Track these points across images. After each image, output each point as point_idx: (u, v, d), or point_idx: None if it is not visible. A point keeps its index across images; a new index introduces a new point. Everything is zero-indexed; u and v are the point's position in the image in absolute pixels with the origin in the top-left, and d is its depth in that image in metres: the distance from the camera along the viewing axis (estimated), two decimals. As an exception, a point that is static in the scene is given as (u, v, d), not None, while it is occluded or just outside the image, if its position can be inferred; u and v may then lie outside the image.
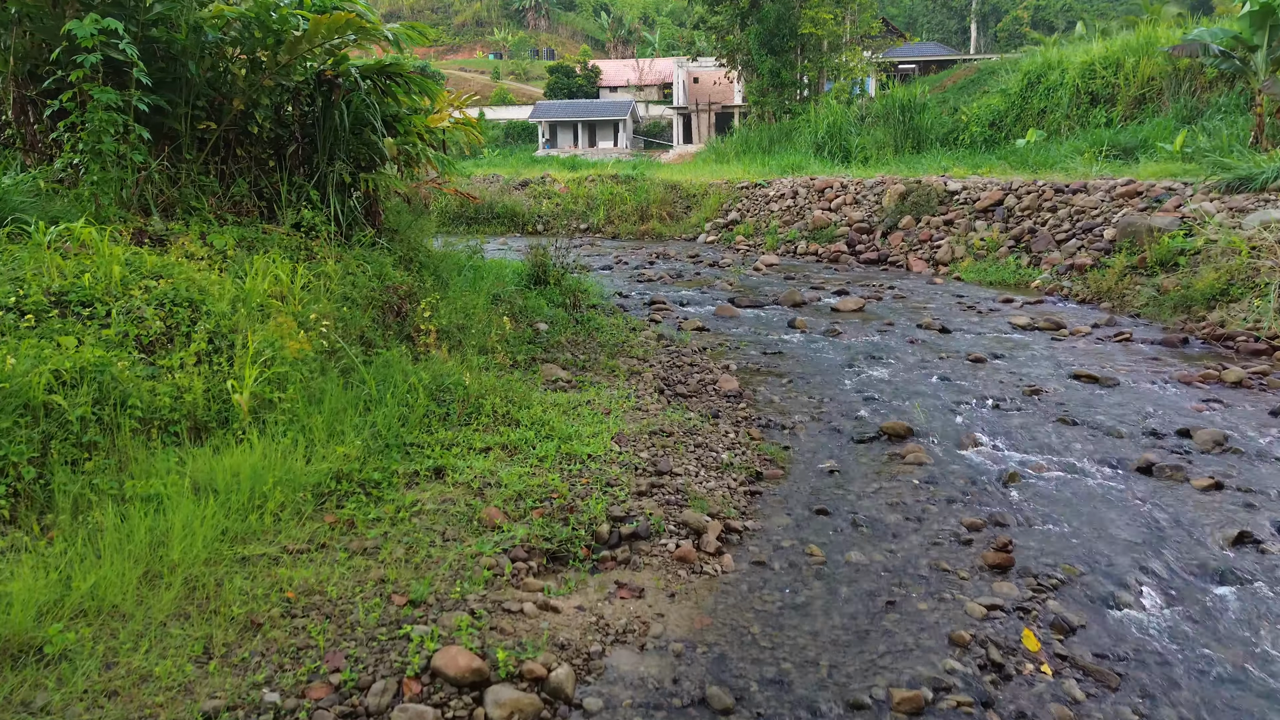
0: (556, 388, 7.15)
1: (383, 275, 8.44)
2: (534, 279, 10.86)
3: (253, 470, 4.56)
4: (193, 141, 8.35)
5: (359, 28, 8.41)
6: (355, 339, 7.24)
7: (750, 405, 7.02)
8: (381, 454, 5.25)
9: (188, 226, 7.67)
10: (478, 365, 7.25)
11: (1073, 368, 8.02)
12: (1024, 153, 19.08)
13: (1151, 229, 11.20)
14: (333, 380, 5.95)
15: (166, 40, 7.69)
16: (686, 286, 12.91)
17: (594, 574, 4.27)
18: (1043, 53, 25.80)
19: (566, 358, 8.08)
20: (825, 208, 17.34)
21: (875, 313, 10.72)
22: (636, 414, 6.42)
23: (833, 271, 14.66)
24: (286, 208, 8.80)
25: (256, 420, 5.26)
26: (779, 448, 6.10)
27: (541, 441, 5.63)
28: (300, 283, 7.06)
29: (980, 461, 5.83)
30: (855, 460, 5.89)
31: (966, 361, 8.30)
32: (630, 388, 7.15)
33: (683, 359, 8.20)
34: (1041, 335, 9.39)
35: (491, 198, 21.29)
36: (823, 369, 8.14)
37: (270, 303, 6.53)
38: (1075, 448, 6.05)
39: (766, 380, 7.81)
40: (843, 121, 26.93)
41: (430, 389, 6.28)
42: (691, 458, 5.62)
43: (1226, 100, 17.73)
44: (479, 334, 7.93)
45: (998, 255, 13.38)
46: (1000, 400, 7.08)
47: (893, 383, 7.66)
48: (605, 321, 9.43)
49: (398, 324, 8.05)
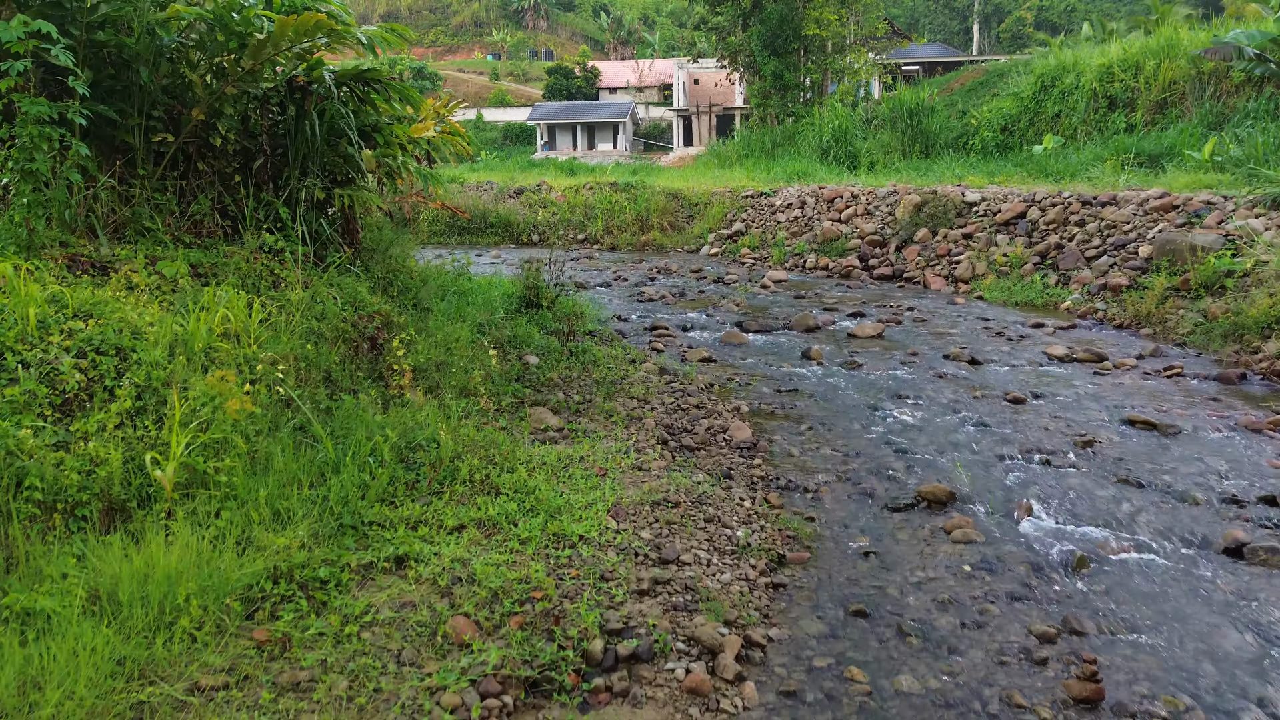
0: (546, 439, 6.31)
1: (358, 302, 7.61)
2: (525, 302, 10.03)
3: (167, 574, 3.71)
4: (148, 155, 7.53)
5: (329, 30, 7.58)
6: (320, 380, 6.40)
7: (766, 460, 6.17)
8: (333, 539, 4.40)
9: (136, 251, 6.83)
10: (457, 412, 6.41)
11: (1124, 410, 7.18)
12: (1042, 160, 18.23)
13: (1193, 247, 10.36)
14: (284, 440, 5.10)
15: (116, 45, 6.88)
16: (690, 307, 12.06)
17: (584, 711, 3.43)
18: (1056, 55, 24.96)
19: (558, 399, 7.24)
20: (835, 219, 16.49)
21: (895, 339, 9.88)
22: (636, 474, 5.57)
23: (845, 289, 13.80)
24: (252, 228, 7.98)
25: (185, 499, 4.43)
26: (803, 519, 5.25)
27: (525, 516, 4.79)
28: (258, 318, 6.22)
29: (1039, 538, 4.99)
30: (892, 536, 5.04)
31: (1004, 402, 7.45)
32: (630, 438, 6.31)
33: (688, 399, 7.36)
34: (1082, 368, 8.54)
35: (485, 207, 20.41)
36: (844, 411, 7.30)
37: (219, 345, 5.69)
38: (1146, 520, 5.21)
39: (782, 426, 6.96)
40: (848, 125, 26.08)
41: (398, 448, 5.44)
42: (701, 535, 4.78)
43: (1256, 106, 16.88)
44: (460, 373, 7.09)
45: (1022, 272, 12.53)
46: (1050, 454, 6.23)
47: (924, 429, 6.81)
48: (602, 353, 8.59)
49: (371, 359, 7.21)
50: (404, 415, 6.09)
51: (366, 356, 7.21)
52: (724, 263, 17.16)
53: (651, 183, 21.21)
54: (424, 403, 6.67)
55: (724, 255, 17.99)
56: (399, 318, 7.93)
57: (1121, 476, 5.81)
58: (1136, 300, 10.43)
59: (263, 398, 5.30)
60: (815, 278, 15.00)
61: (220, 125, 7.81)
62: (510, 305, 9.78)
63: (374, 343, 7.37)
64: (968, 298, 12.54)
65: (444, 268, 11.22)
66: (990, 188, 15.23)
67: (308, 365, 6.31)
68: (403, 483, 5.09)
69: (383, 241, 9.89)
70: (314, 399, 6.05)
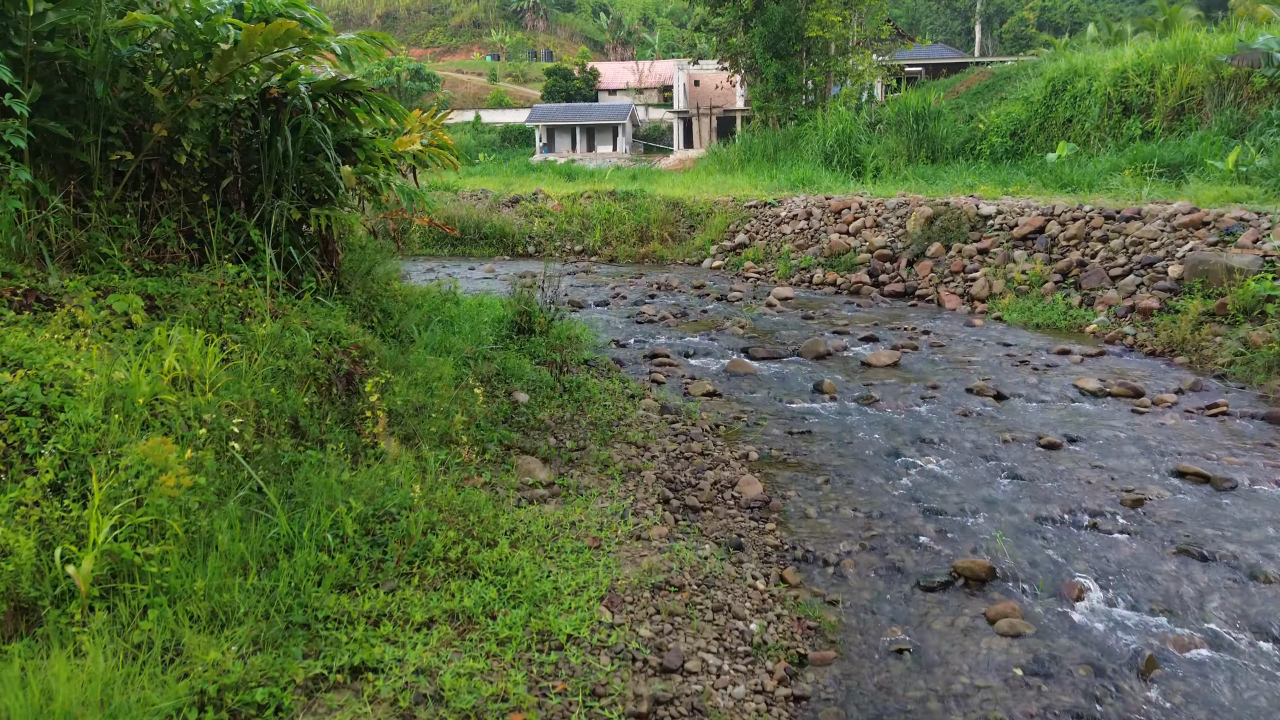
0: (534, 497, 5.66)
1: (334, 334, 6.97)
2: (517, 328, 9.37)
3: (68, 710, 3.07)
4: (106, 175, 6.92)
5: (301, 40, 6.94)
6: (285, 429, 5.76)
7: (780, 523, 5.52)
8: (279, 644, 3.75)
9: (89, 282, 6.19)
10: (435, 466, 5.77)
11: (1171, 458, 6.53)
12: (1057, 169, 17.57)
13: (1229, 269, 9.71)
14: (232, 513, 4.45)
15: (68, 56, 6.27)
16: (692, 330, 11.40)
17: None
18: (1067, 58, 24.31)
19: (549, 445, 6.60)
20: (843, 231, 15.83)
21: (913, 369, 9.23)
22: (635, 546, 4.93)
23: (855, 307, 13.15)
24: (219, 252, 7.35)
25: (110, 593, 3.79)
26: (824, 602, 4.61)
27: (506, 606, 4.15)
28: (216, 360, 5.57)
29: (1097, 630, 4.34)
30: (928, 627, 4.39)
31: (1037, 447, 6.81)
32: (627, 496, 5.66)
33: (692, 443, 6.71)
34: (1118, 405, 7.89)
35: (479, 217, 19.72)
36: (863, 458, 6.65)
37: (167, 396, 5.05)
38: (1216, 603, 4.56)
39: (796, 477, 6.31)
40: (853, 130, 25.42)
41: (364, 518, 4.80)
42: (709, 631, 4.13)
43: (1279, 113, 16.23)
44: (441, 417, 6.44)
45: (1042, 292, 11.88)
46: (1097, 515, 5.58)
47: (953, 482, 6.16)
48: (598, 387, 7.94)
49: (345, 400, 6.58)
50: (374, 474, 5.46)
51: (340, 397, 6.59)
52: (727, 277, 16.49)
53: (651, 191, 20.52)
54: (399, 454, 6.04)
55: (727, 269, 17.33)
56: (379, 349, 7.31)
57: (1180, 545, 5.16)
58: (1169, 325, 9.78)
59: (209, 464, 4.64)
60: (823, 294, 14.34)
61: (185, 141, 7.20)
62: (500, 332, 9.13)
63: (349, 380, 6.74)
64: (985, 318, 11.88)
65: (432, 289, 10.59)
66: (1005, 199, 14.57)
67: (271, 413, 5.67)
68: (366, 563, 4.44)
69: (365, 263, 9.26)
70: (276, 452, 5.42)
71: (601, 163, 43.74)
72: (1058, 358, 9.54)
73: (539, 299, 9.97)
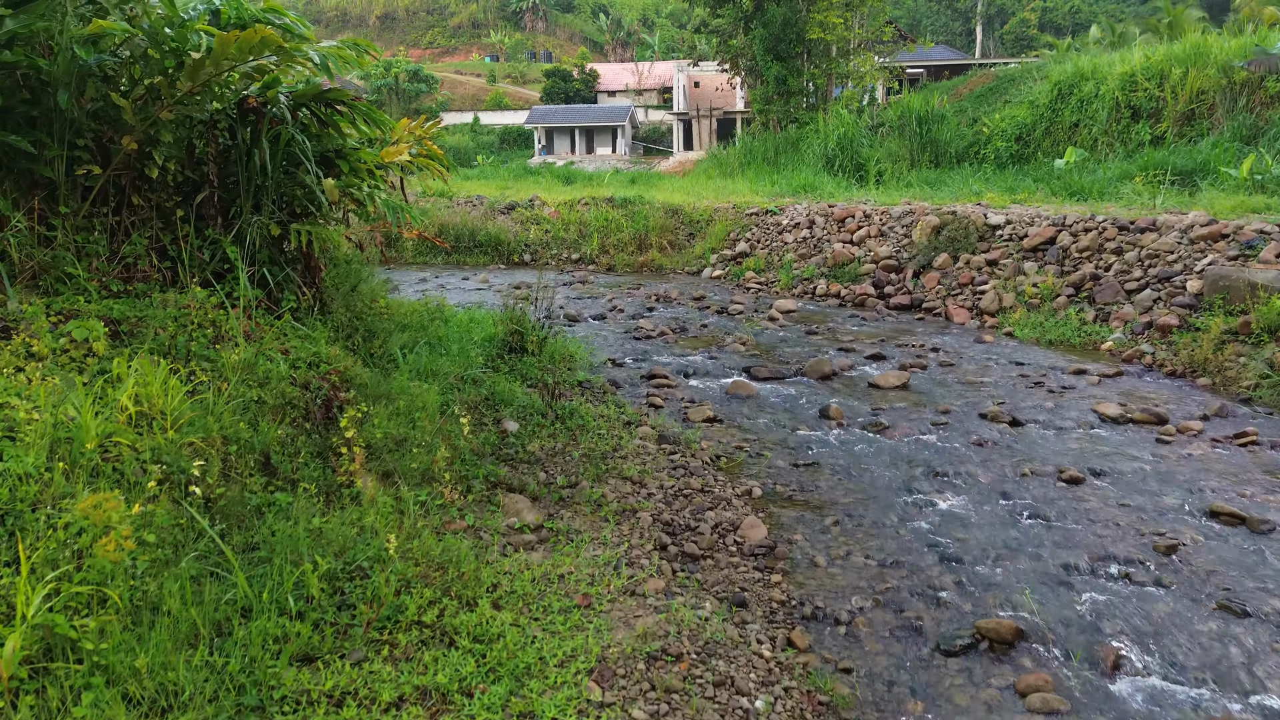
0: (520, 544, 5.25)
1: (313, 359, 6.58)
2: (508, 347, 8.97)
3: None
4: (72, 190, 6.55)
5: (278, 47, 6.54)
6: (255, 467, 5.37)
7: (786, 573, 5.10)
8: (227, 733, 3.35)
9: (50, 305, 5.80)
10: (414, 509, 5.37)
11: (1202, 495, 6.13)
12: (1066, 176, 17.15)
13: (1252, 285, 9.31)
14: (185, 573, 4.05)
15: (30, 66, 5.90)
16: (692, 346, 10.99)
17: None
18: (1073, 60, 23.89)
19: (538, 481, 6.19)
20: (847, 240, 15.41)
21: (923, 391, 8.81)
22: (628, 604, 4.52)
23: (860, 321, 12.73)
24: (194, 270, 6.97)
25: (40, 674, 3.40)
26: (836, 671, 4.20)
27: (484, 681, 3.74)
28: (178, 395, 5.16)
29: (1138, 707, 3.93)
30: (951, 700, 3.98)
31: (1059, 483, 6.40)
32: (621, 542, 5.25)
33: (691, 478, 6.30)
34: (1140, 433, 7.48)
35: (474, 224, 19.28)
36: (874, 495, 6.24)
37: (122, 437, 4.65)
38: (1266, 669, 4.16)
39: (803, 517, 5.90)
40: (854, 133, 25.02)
41: (333, 574, 4.40)
42: (710, 710, 3.72)
43: (1294, 119, 15.83)
44: (423, 452, 6.04)
45: (1055, 306, 11.46)
46: (1128, 564, 5.17)
47: (970, 523, 5.75)
48: (592, 414, 7.53)
49: (323, 431, 6.18)
50: (347, 518, 5.07)
51: (318, 428, 6.19)
52: (727, 288, 16.06)
53: (650, 197, 20.07)
54: (376, 494, 5.64)
55: (727, 279, 16.89)
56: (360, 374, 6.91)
57: (1221, 601, 4.75)
58: (1190, 344, 9.37)
59: (160, 518, 4.23)
60: (826, 307, 13.91)
61: (157, 154, 6.81)
62: (491, 352, 8.73)
63: (328, 408, 6.34)
64: (996, 334, 11.46)
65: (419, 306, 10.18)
66: (1014, 208, 14.16)
67: (240, 449, 5.27)
68: (332, 629, 4.03)
69: (350, 279, 8.86)
70: (244, 494, 5.03)
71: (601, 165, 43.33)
72: (1074, 378, 9.12)
73: (532, 315, 9.56)
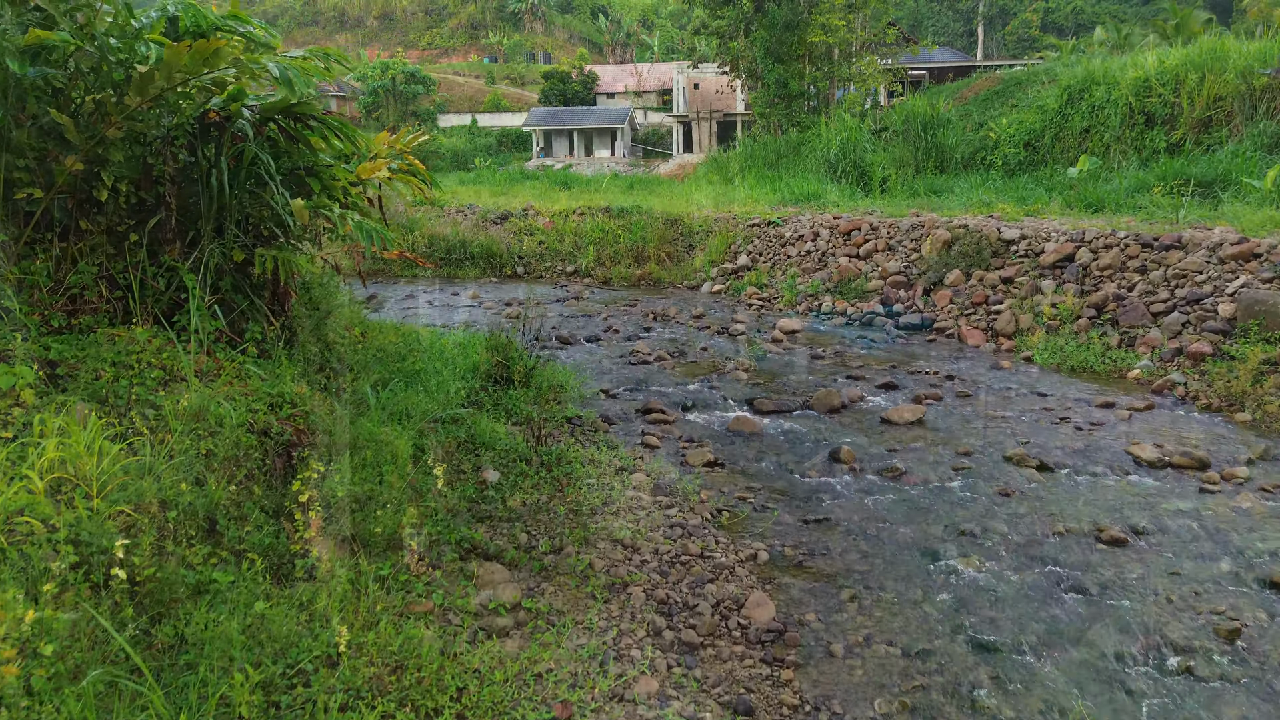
0: (493, 630, 4.61)
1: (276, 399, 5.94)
2: (493, 378, 8.33)
3: None
4: (12, 215, 5.95)
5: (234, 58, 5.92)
6: (198, 534, 4.73)
7: (798, 667, 4.46)
8: None
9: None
10: (373, 588, 4.74)
11: (1259, 560, 5.48)
12: (1082, 186, 16.50)
13: (1291, 311, 8.67)
14: (89, 690, 3.42)
15: (-41, 81, 5.25)
16: (691, 373, 10.33)
17: None
18: (1083, 63, 23.24)
19: (518, 544, 5.55)
20: (852, 254, 14.76)
21: (940, 428, 8.17)
22: (615, 713, 3.88)
23: (868, 343, 12.07)
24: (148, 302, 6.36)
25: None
26: (860, 806, 3.56)
27: (441, 835, 3.11)
28: (111, 455, 4.53)
29: None
30: None
31: (1099, 545, 5.75)
32: (609, 627, 4.61)
33: (689, 541, 5.66)
34: (1182, 480, 6.84)
35: (465, 235, 18.60)
36: (893, 560, 5.59)
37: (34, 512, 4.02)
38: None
39: (815, 589, 5.25)
40: (858, 138, 24.36)
41: (269, 682, 3.77)
42: None
43: (1319, 127, 15.19)
44: (389, 513, 5.40)
45: (1075, 328, 10.81)
46: (1186, 653, 4.53)
47: (1004, 599, 5.11)
48: (581, 458, 6.90)
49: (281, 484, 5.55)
50: (295, 601, 4.44)
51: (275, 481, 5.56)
52: (728, 304, 15.39)
53: (648, 206, 19.39)
54: (333, 565, 4.99)
55: (728, 293, 16.22)
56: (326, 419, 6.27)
57: (1300, 704, 4.11)
58: (1225, 374, 8.73)
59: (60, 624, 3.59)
60: (833, 326, 13.25)
61: (105, 175, 6.20)
62: (475, 384, 8.08)
63: (288, 457, 5.71)
64: (1014, 359, 10.81)
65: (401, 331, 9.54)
66: (1028, 221, 13.51)
67: (180, 515, 4.63)
68: (262, 764, 3.40)
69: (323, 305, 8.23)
70: (181, 569, 4.39)
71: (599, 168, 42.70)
72: (1102, 412, 8.47)
73: (520, 341, 8.93)
